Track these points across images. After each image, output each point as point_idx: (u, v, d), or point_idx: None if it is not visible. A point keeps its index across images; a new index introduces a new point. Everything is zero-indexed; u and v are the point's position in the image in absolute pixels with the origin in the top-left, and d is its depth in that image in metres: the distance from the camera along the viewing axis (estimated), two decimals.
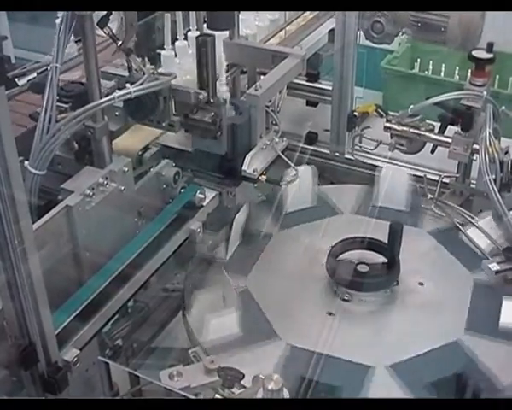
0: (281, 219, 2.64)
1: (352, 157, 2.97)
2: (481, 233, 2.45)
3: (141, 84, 2.05)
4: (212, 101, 2.23)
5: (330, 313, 2.26)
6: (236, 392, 1.87)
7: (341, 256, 2.36)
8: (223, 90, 2.31)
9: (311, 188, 2.71)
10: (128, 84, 2.03)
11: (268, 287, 2.36)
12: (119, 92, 2.00)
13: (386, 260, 2.34)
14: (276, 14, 2.94)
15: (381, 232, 2.35)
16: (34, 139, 1.93)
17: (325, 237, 2.48)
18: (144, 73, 2.10)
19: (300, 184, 2.63)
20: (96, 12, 1.96)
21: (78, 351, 1.78)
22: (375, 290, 2.31)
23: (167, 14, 2.30)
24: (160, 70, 2.21)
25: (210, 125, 2.22)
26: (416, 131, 2.69)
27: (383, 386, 2.03)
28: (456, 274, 2.39)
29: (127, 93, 2.00)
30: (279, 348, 2.12)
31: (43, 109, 1.91)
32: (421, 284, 2.36)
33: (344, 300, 2.29)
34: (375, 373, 2.05)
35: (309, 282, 2.38)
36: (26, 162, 1.92)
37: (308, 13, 3.19)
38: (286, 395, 1.71)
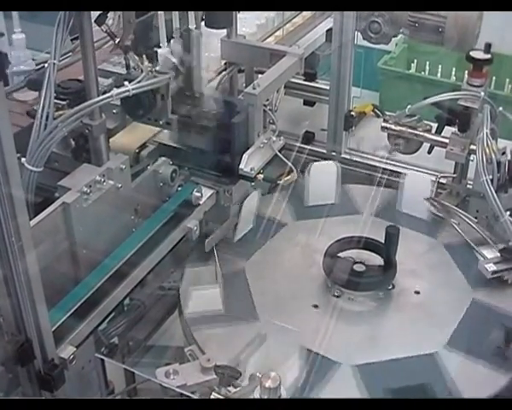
0: (299, 211, 2.69)
1: (348, 157, 2.98)
2: (496, 253, 2.41)
3: (139, 82, 2.05)
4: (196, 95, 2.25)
5: (316, 306, 2.28)
6: (233, 390, 1.87)
7: (340, 255, 2.37)
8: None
9: (335, 184, 2.73)
10: (126, 82, 2.02)
11: (264, 272, 2.41)
12: (117, 90, 1.99)
13: (382, 262, 2.35)
14: (274, 13, 2.93)
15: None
16: (31, 136, 1.92)
17: (337, 234, 2.46)
18: (142, 71, 2.11)
19: (324, 179, 2.68)
20: None
21: (75, 348, 1.78)
22: (367, 290, 2.31)
23: (161, 13, 2.29)
24: (157, 68, 2.21)
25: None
26: (414, 132, 2.70)
27: (345, 384, 2.04)
28: (456, 289, 2.37)
29: (125, 91, 2.00)
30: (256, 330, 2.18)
31: (41, 106, 1.91)
32: (418, 292, 2.35)
33: (334, 296, 2.31)
34: (339, 370, 2.07)
35: (306, 274, 2.41)
36: (23, 159, 1.92)
37: (306, 12, 3.19)
38: (283, 392, 1.71)
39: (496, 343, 2.14)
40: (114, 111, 2.23)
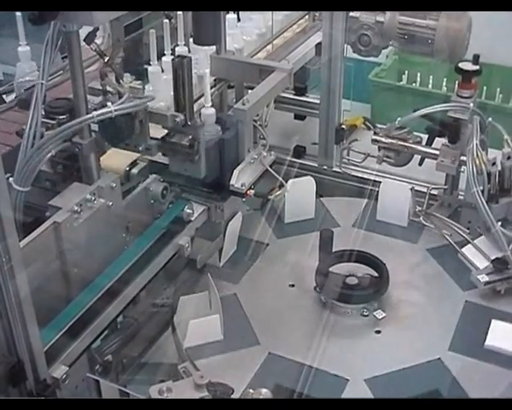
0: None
1: (339, 170, 2.98)
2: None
3: (122, 103, 2.03)
4: (189, 123, 2.19)
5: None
6: None
7: (331, 269, 2.37)
8: (208, 113, 2.29)
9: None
10: (109, 103, 2.01)
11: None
12: (98, 111, 1.98)
13: (375, 274, 2.36)
14: (263, 28, 2.94)
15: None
16: (19, 156, 1.92)
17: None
18: (120, 95, 2.08)
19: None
20: (82, 28, 1.95)
21: (67, 368, 1.77)
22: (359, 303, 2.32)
23: (152, 31, 2.29)
24: (135, 86, 2.18)
25: (187, 149, 2.19)
26: (404, 144, 2.70)
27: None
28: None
29: (108, 112, 1.97)
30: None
31: (28, 125, 1.91)
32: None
33: (331, 311, 2.31)
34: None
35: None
36: (11, 179, 1.92)
37: (295, 26, 3.20)
38: None
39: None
40: None
